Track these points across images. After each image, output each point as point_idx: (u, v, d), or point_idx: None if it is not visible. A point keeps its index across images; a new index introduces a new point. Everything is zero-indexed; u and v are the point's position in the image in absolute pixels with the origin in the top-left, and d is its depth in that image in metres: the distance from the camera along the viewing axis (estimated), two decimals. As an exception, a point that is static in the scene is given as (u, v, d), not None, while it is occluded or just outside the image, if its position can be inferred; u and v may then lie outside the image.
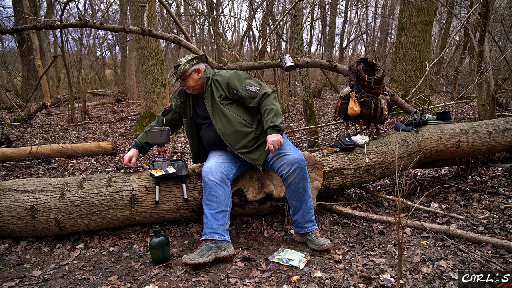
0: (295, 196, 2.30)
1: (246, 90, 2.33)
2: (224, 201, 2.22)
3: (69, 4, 9.49)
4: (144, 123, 6.42)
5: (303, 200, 2.31)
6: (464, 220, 2.61)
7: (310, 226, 2.35)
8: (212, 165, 2.28)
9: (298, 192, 2.28)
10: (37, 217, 2.31)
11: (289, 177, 2.25)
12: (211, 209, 2.19)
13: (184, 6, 13.02)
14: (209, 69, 2.47)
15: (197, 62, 2.40)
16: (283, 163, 2.25)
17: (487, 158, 3.58)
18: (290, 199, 2.34)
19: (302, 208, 2.32)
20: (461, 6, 9.33)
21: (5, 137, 5.27)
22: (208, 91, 2.39)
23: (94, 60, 11.73)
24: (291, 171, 2.23)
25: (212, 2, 13.05)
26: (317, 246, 2.28)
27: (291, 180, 2.25)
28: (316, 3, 16.24)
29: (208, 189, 2.21)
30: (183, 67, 2.33)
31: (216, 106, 2.34)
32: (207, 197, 2.22)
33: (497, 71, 6.81)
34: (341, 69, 3.34)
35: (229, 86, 2.34)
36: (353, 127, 3.75)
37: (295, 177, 2.24)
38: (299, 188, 2.27)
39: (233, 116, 2.32)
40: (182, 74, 2.35)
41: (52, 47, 14.56)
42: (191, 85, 2.38)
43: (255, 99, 2.33)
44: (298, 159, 2.24)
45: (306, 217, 2.34)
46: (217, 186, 2.21)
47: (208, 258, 2.06)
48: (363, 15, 19.70)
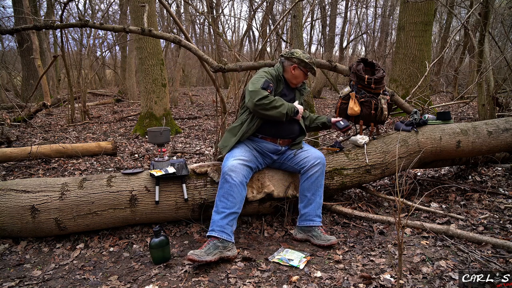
0: (312, 189, 2.42)
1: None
2: (239, 204, 2.22)
3: (69, 4, 9.49)
4: (144, 123, 6.42)
5: (317, 194, 2.43)
6: (464, 220, 2.61)
7: (318, 220, 2.43)
8: (237, 164, 2.25)
9: (316, 185, 2.41)
10: (37, 217, 2.31)
11: (312, 169, 2.41)
12: (225, 207, 2.18)
13: (184, 6, 13.01)
14: None
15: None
16: (309, 156, 2.45)
17: (487, 158, 3.58)
18: (305, 191, 2.43)
19: (315, 202, 2.42)
20: (461, 6, 9.33)
21: (5, 137, 5.28)
22: (300, 88, 2.67)
23: (94, 60, 11.73)
24: (315, 163, 2.41)
25: (212, 2, 13.05)
26: (324, 241, 2.30)
27: (313, 172, 2.40)
28: (316, 3, 16.24)
29: (228, 187, 2.20)
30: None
31: (300, 100, 2.60)
32: (224, 194, 2.20)
33: (497, 71, 6.81)
34: (341, 69, 3.34)
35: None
36: (353, 127, 3.75)
37: (317, 170, 2.41)
38: (318, 182, 2.41)
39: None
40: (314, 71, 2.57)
41: (52, 47, 14.57)
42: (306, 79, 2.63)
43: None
44: (321, 156, 2.47)
45: (317, 211, 2.43)
46: (237, 187, 2.21)
47: (214, 257, 2.07)
48: (363, 15, 19.72)
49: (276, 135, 2.48)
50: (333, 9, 17.75)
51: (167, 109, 6.66)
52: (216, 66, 3.28)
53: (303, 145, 2.58)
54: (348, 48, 18.91)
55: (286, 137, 2.51)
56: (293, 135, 2.54)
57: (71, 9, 13.92)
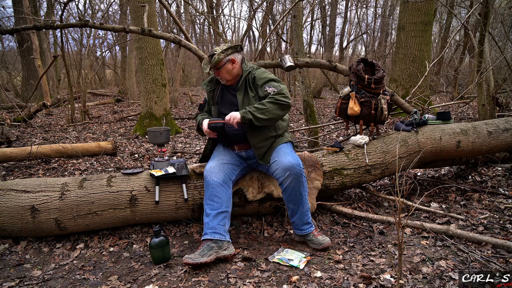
0: (292, 200, 2.29)
1: (264, 91, 2.27)
2: (226, 202, 2.21)
3: (69, 4, 9.49)
4: (144, 123, 6.42)
5: (299, 204, 2.30)
6: (464, 220, 2.61)
7: (307, 228, 2.35)
8: (216, 165, 2.28)
9: (294, 196, 2.26)
10: (37, 217, 2.31)
11: (284, 182, 2.22)
12: (212, 209, 2.19)
13: (184, 6, 13.01)
14: (248, 62, 2.42)
15: (232, 52, 2.32)
16: (277, 168, 2.22)
17: (487, 158, 3.58)
18: (287, 203, 2.33)
19: (299, 211, 2.32)
20: (461, 6, 9.33)
21: (5, 137, 5.28)
22: (243, 84, 2.33)
23: (94, 60, 11.73)
24: (286, 176, 2.19)
25: (212, 2, 13.05)
26: (317, 245, 2.29)
27: (287, 185, 2.22)
28: (316, 3, 16.24)
29: (210, 189, 2.21)
30: (217, 56, 2.26)
31: (248, 100, 2.29)
32: (209, 197, 2.21)
33: (497, 71, 6.81)
34: (341, 69, 3.34)
35: (255, 83, 2.31)
36: (353, 127, 3.75)
37: (290, 182, 2.20)
38: (295, 193, 2.24)
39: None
40: (216, 64, 2.28)
41: (52, 47, 14.56)
42: (224, 76, 2.33)
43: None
44: (293, 164, 2.18)
45: (303, 219, 2.34)
46: (220, 186, 2.21)
47: (209, 257, 2.06)
48: (363, 15, 19.71)
49: (227, 144, 2.47)
50: (333, 9, 17.75)
51: (167, 109, 6.66)
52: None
53: (278, 150, 2.31)
54: (348, 48, 18.92)
55: (236, 142, 2.40)
56: (240, 139, 2.36)
57: (71, 9, 13.92)
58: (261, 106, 2.18)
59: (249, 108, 2.18)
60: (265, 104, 2.18)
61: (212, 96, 2.47)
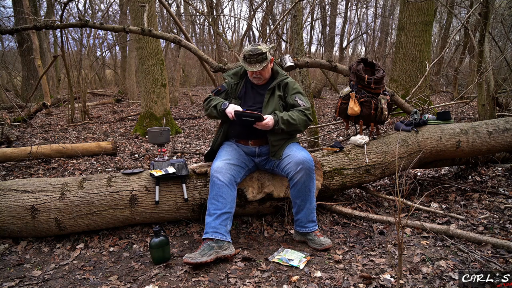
0: (300, 196, 2.31)
1: (294, 100, 2.38)
2: (230, 203, 2.21)
3: (69, 4, 9.49)
4: (144, 123, 6.42)
5: (307, 200, 2.32)
6: (464, 220, 2.61)
7: (311, 226, 2.36)
8: (223, 165, 2.27)
9: (303, 191, 2.29)
10: (37, 217, 2.31)
11: (295, 176, 2.25)
12: (216, 209, 2.18)
13: (184, 6, 13.02)
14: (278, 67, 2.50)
15: (271, 53, 2.38)
16: (291, 161, 2.26)
17: (487, 158, 3.58)
18: (295, 198, 2.34)
19: (305, 208, 2.33)
20: (461, 6, 9.33)
21: (5, 137, 5.28)
22: (275, 87, 2.40)
23: (94, 60, 11.73)
24: (298, 170, 2.23)
25: (212, 2, 13.06)
26: (318, 246, 2.29)
27: (297, 179, 2.25)
28: (316, 3, 16.24)
29: (216, 188, 2.20)
30: (269, 55, 2.30)
31: (272, 102, 2.36)
32: (214, 196, 2.20)
33: (497, 71, 6.82)
34: (341, 69, 3.34)
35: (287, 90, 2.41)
36: (353, 127, 3.75)
37: (301, 176, 2.24)
38: (304, 188, 2.28)
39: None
40: (268, 62, 2.31)
41: (52, 47, 14.56)
42: (264, 75, 2.37)
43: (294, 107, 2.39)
44: (306, 159, 2.24)
45: (309, 217, 2.35)
46: (226, 187, 2.20)
47: (209, 257, 2.06)
48: (363, 15, 19.73)
49: (244, 137, 2.45)
50: (333, 9, 17.75)
51: (167, 109, 6.66)
52: (216, 66, 3.28)
53: (291, 146, 2.38)
54: (348, 48, 18.94)
55: (253, 137, 2.42)
56: (260, 134, 2.38)
57: (71, 9, 13.93)
58: (293, 121, 2.30)
59: (283, 121, 2.26)
60: (295, 120, 2.31)
61: (235, 89, 2.48)
